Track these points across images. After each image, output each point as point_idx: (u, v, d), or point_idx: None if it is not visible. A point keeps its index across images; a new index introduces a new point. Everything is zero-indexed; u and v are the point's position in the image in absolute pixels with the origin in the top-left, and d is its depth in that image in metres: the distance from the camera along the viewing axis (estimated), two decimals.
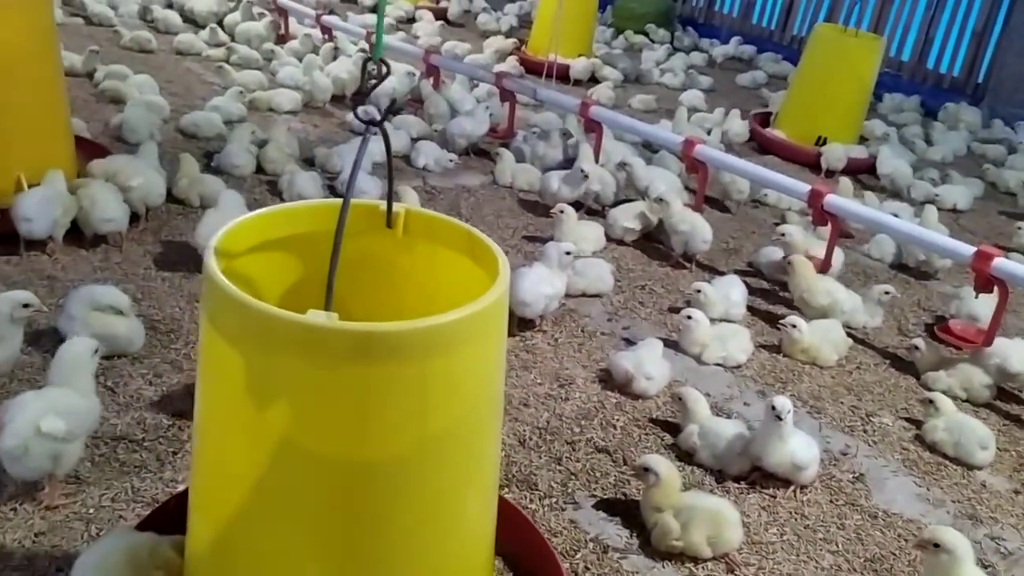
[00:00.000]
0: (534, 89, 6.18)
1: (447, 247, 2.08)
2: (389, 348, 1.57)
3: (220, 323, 1.66)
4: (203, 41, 7.85)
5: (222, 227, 1.86)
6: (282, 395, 1.63)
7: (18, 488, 2.54)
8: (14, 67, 3.83)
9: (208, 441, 1.85)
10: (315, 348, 1.55)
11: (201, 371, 1.82)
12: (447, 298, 2.04)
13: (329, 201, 2.12)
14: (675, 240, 4.76)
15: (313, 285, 2.08)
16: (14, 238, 3.80)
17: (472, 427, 1.82)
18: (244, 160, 5.10)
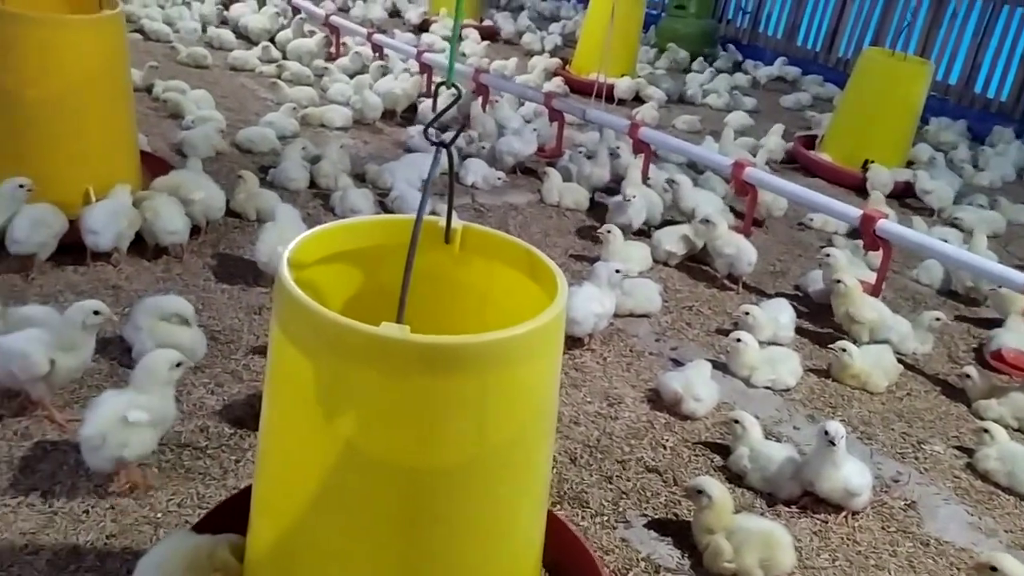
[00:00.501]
0: (583, 110, 6.25)
1: (504, 264, 2.13)
2: (459, 360, 1.63)
3: (292, 332, 1.72)
4: (256, 58, 8.02)
5: (280, 240, 1.94)
6: (351, 403, 1.69)
7: (90, 490, 2.63)
8: (88, 86, 3.97)
9: (274, 445, 1.91)
10: (388, 359, 1.60)
11: (270, 377, 1.88)
12: (501, 313, 2.10)
13: (391, 217, 2.20)
14: (720, 262, 4.79)
15: (373, 296, 2.16)
16: (82, 248, 3.93)
17: (528, 439, 1.87)
18: (299, 175, 5.22)
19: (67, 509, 2.55)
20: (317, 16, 8.77)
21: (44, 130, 3.96)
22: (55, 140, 3.99)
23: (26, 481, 2.63)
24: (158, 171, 4.60)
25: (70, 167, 4.04)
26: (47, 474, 2.68)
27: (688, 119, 8.21)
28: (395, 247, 2.11)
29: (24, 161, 3.95)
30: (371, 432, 1.70)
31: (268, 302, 3.93)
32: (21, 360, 2.77)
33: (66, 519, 2.52)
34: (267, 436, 1.93)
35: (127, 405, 2.51)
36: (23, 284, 3.73)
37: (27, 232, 3.73)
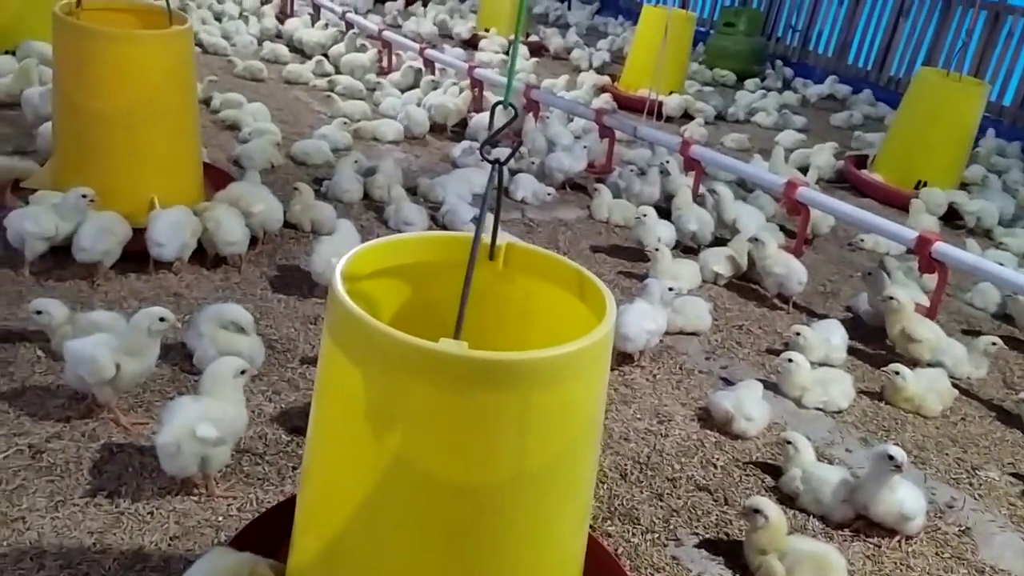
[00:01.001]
0: (634, 127, 6.27)
1: (549, 281, 2.16)
2: (515, 376, 1.65)
3: (346, 344, 1.76)
4: (310, 71, 8.17)
5: (334, 253, 1.97)
6: (404, 417, 1.71)
7: (154, 492, 2.71)
8: (156, 99, 4.09)
9: (321, 456, 1.95)
10: (446, 375, 1.63)
11: (319, 388, 1.92)
12: (544, 330, 2.13)
13: (440, 234, 2.24)
14: (769, 281, 4.77)
15: (420, 310, 2.19)
16: (145, 256, 4.03)
17: (575, 456, 1.89)
18: (353, 187, 5.31)
19: (133, 510, 2.63)
20: (370, 31, 8.90)
21: (113, 141, 4.09)
22: (123, 151, 4.11)
23: (94, 482, 2.71)
24: (218, 182, 4.71)
25: (136, 177, 4.16)
26: (113, 475, 2.76)
27: (737, 137, 8.19)
28: (442, 263, 2.16)
29: (93, 171, 4.08)
30: (422, 447, 1.72)
31: (323, 313, 3.99)
32: (89, 364, 2.86)
33: (132, 520, 2.59)
34: (314, 447, 1.97)
35: (201, 415, 2.58)
36: (89, 290, 3.85)
37: (93, 240, 3.85)
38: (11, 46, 6.23)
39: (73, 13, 4.15)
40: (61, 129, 4.26)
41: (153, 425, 2.99)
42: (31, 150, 5.01)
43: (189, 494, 2.72)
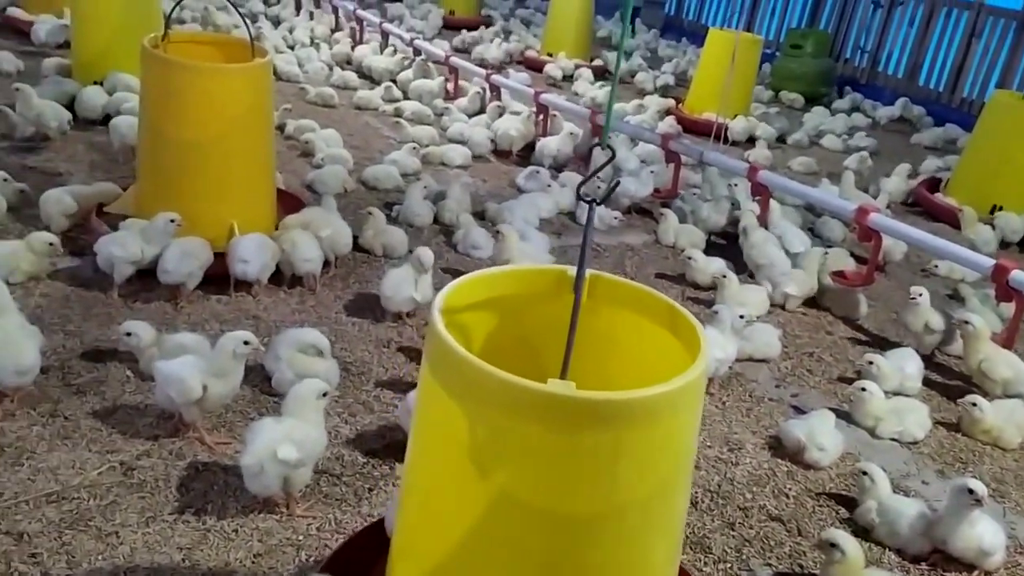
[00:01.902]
0: (701, 152, 6.27)
1: (638, 314, 2.17)
2: (623, 414, 1.68)
3: (447, 380, 1.80)
4: (379, 97, 8.35)
5: (401, 281, 1.95)
6: (508, 454, 1.75)
7: (239, 510, 2.80)
8: (237, 129, 4.24)
9: (418, 487, 1.99)
10: (555, 415, 1.67)
11: (417, 420, 1.98)
12: (632, 362, 2.15)
13: (530, 268, 2.27)
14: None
15: (509, 341, 2.22)
16: (224, 280, 4.18)
17: (673, 489, 1.91)
18: (423, 211, 5.42)
19: (218, 527, 2.72)
20: (437, 57, 9.06)
21: (196, 169, 4.25)
22: (205, 179, 4.27)
23: (182, 499, 2.82)
24: (291, 208, 4.85)
25: (217, 204, 4.31)
26: (199, 493, 2.86)
27: (804, 160, 8.12)
28: (530, 296, 2.21)
29: (175, 197, 4.24)
30: (524, 481, 1.75)
31: (396, 336, 4.08)
32: (178, 384, 2.98)
33: (218, 537, 2.69)
34: (411, 477, 2.01)
35: (283, 437, 2.67)
36: (173, 312, 3.99)
37: (177, 263, 4.00)
38: (99, 77, 6.50)
39: (160, 46, 4.34)
40: (146, 156, 4.43)
41: (236, 445, 3.09)
42: (118, 176, 5.23)
43: (271, 513, 2.81)
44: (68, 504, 2.72)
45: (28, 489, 2.76)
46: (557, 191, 6.12)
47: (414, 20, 12.52)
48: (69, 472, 2.87)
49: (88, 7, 6.58)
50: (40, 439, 3.01)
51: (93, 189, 4.71)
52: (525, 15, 14.87)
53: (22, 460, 2.89)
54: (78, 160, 5.68)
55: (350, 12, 10.83)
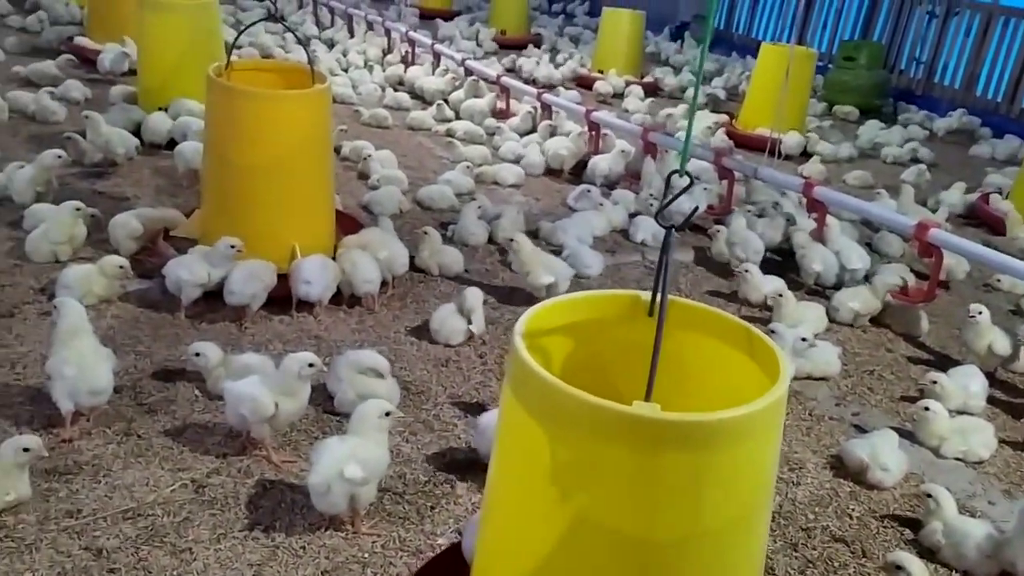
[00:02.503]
0: (754, 168, 6.24)
1: (713, 337, 2.19)
2: (709, 436, 1.69)
3: (530, 403, 1.83)
4: (432, 117, 8.46)
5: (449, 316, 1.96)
6: (591, 476, 1.77)
7: (306, 528, 2.86)
8: (298, 153, 4.35)
9: (500, 510, 2.02)
10: (640, 437, 1.69)
11: (500, 443, 2.01)
12: (707, 385, 2.16)
13: (605, 293, 2.30)
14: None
15: (583, 364, 2.26)
16: (287, 301, 4.28)
17: (755, 511, 1.92)
18: (478, 231, 5.49)
19: (287, 544, 2.79)
20: (488, 76, 9.16)
21: (258, 193, 4.36)
22: (267, 202, 4.38)
23: (251, 516, 2.89)
24: (349, 229, 4.95)
25: (279, 226, 4.42)
26: (268, 510, 2.93)
27: (860, 174, 8.03)
28: (603, 320, 2.24)
29: (239, 220, 4.36)
30: (608, 505, 1.77)
31: (454, 355, 4.14)
32: (251, 403, 3.06)
33: (287, 553, 2.75)
34: (493, 500, 2.04)
35: (348, 456, 2.73)
36: (238, 333, 4.10)
37: (242, 284, 4.11)
38: (163, 104, 6.71)
39: (223, 74, 4.48)
40: (210, 181, 4.57)
41: (301, 463, 3.17)
42: (182, 199, 5.39)
43: (337, 530, 2.87)
44: (143, 520, 2.82)
45: (106, 506, 2.86)
46: (610, 209, 6.14)
47: (465, 41, 12.67)
48: (143, 489, 2.96)
49: (152, 37, 6.80)
50: (115, 457, 3.11)
51: (159, 213, 4.86)
52: (573, 33, 14.95)
53: (99, 477, 3.00)
54: (144, 185, 5.86)
55: (402, 34, 11.00)
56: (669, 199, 2.05)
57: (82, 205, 4.57)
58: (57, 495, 2.88)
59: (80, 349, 3.22)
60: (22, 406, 3.34)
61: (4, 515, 2.74)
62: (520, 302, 4.78)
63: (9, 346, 3.73)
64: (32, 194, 5.08)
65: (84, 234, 4.60)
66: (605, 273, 5.27)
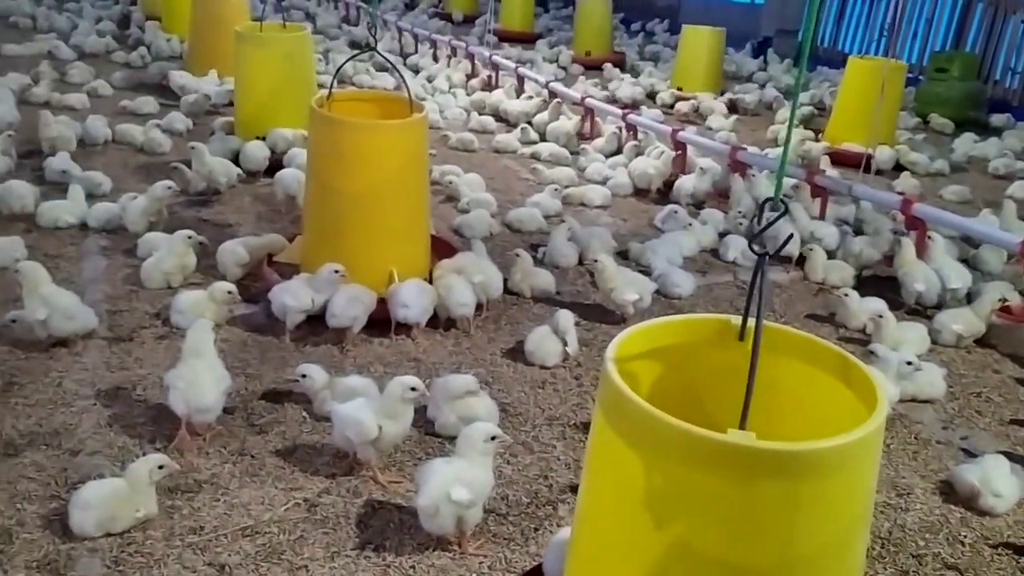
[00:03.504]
0: (849, 186, 6.14)
1: (807, 364, 2.17)
2: (804, 465, 1.70)
3: (622, 429, 1.85)
4: (517, 139, 8.56)
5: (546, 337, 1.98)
6: (684, 503, 1.78)
7: (415, 547, 2.93)
8: (396, 180, 4.48)
9: (591, 535, 2.04)
10: (735, 465, 1.70)
11: (590, 465, 2.03)
12: (800, 412, 2.15)
13: (696, 317, 2.31)
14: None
15: (673, 389, 2.26)
16: (386, 324, 4.39)
17: (851, 542, 1.90)
18: (569, 252, 5.53)
19: (398, 563, 2.86)
20: (572, 98, 9.22)
21: (358, 220, 4.50)
22: (367, 228, 4.51)
23: (362, 535, 2.98)
24: (443, 252, 5.05)
25: (377, 252, 4.55)
26: (378, 530, 3.02)
27: (957, 189, 7.80)
28: (694, 345, 2.25)
29: (339, 246, 4.50)
30: (701, 532, 1.78)
31: (550, 378, 4.18)
32: (355, 426, 3.16)
33: (397, 573, 2.83)
34: (583, 525, 2.07)
35: (454, 478, 2.79)
36: (340, 356, 4.22)
37: (344, 307, 4.24)
38: (259, 133, 6.96)
39: (325, 105, 4.64)
40: (312, 208, 4.72)
41: (407, 483, 3.25)
42: (281, 226, 5.58)
43: (444, 550, 2.93)
44: (261, 538, 2.93)
45: (225, 523, 2.99)
46: (698, 229, 6.11)
47: (548, 63, 12.78)
48: (259, 508, 3.08)
49: (249, 69, 7.06)
50: (232, 476, 3.25)
51: (262, 240, 5.05)
52: (653, 51, 14.93)
53: (218, 495, 3.13)
54: (245, 212, 6.10)
55: (486, 58, 11.17)
56: (763, 226, 2.06)
57: (193, 233, 4.78)
58: (180, 512, 3.02)
59: (195, 367, 3.41)
60: (144, 426, 3.51)
61: (133, 531, 2.89)
62: (612, 322, 4.80)
63: (129, 368, 3.93)
64: (145, 224, 5.35)
65: (194, 262, 4.80)
66: (697, 294, 5.25)
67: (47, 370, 3.86)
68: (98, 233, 5.42)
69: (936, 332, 4.76)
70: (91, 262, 5.05)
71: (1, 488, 3.07)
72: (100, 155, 7.03)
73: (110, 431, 3.46)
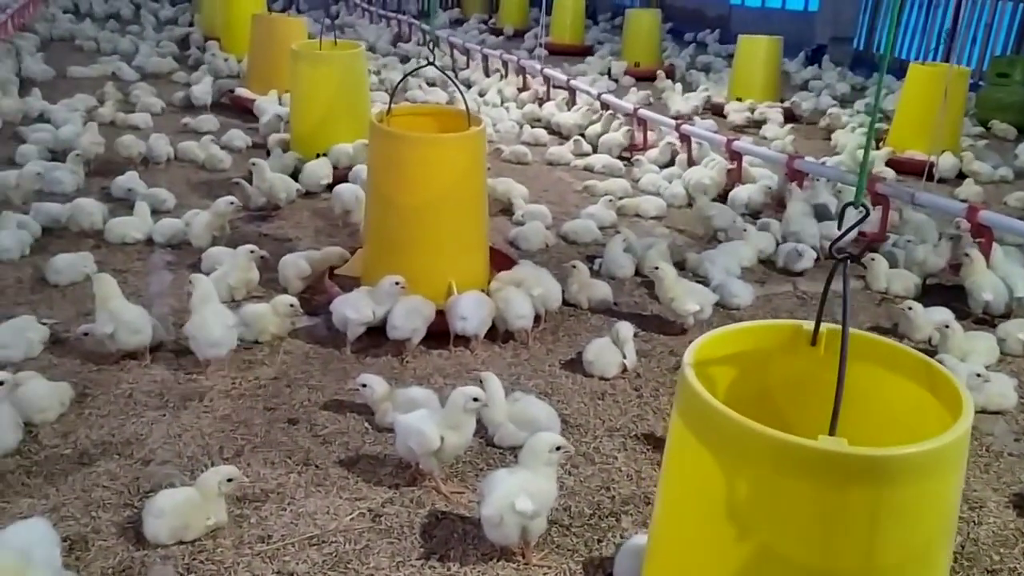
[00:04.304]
0: (912, 194, 6.02)
1: (884, 368, 2.15)
2: (892, 471, 1.68)
3: (703, 435, 1.85)
4: (569, 151, 8.56)
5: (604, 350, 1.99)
6: (769, 508, 1.78)
7: (479, 557, 2.94)
8: (455, 193, 4.52)
9: (671, 540, 2.04)
10: (826, 471, 1.69)
11: (668, 470, 2.03)
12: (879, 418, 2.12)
13: (770, 323, 2.30)
14: None
15: (746, 394, 2.24)
16: (445, 335, 4.42)
17: (935, 548, 1.87)
18: (625, 263, 5.52)
19: (462, 574, 2.87)
20: (625, 110, 9.21)
21: (417, 231, 4.54)
22: (426, 241, 4.55)
23: (427, 545, 3.00)
24: (500, 264, 5.07)
25: (437, 264, 4.58)
26: (441, 540, 3.03)
27: (1022, 196, 7.60)
28: (767, 351, 2.24)
29: (399, 258, 4.54)
30: (787, 538, 1.78)
31: (609, 388, 4.17)
32: (418, 436, 3.18)
33: None
34: (662, 529, 2.07)
35: (519, 489, 2.79)
36: (400, 367, 4.26)
37: (404, 319, 4.28)
38: (315, 149, 7.07)
39: (384, 120, 4.70)
40: (373, 221, 4.79)
41: (469, 494, 3.26)
42: (338, 239, 5.66)
43: (509, 561, 2.93)
44: (328, 547, 2.96)
45: (292, 532, 3.03)
46: (756, 239, 6.04)
47: (598, 75, 12.78)
48: (325, 517, 3.12)
49: (305, 86, 7.19)
50: (297, 486, 3.29)
51: (323, 253, 5.12)
52: (705, 61, 14.85)
53: (284, 505, 3.17)
54: (304, 226, 6.20)
55: (537, 71, 11.21)
56: (844, 231, 2.04)
57: (255, 248, 4.87)
58: (248, 521, 3.07)
59: (204, 314, 4.01)
60: (211, 436, 3.58)
61: (204, 539, 2.94)
62: (671, 333, 4.77)
63: (196, 380, 4.01)
64: (208, 238, 5.47)
65: (257, 276, 4.89)
66: (756, 304, 5.19)
67: (118, 381, 3.96)
68: (163, 248, 5.56)
69: (1001, 341, 4.63)
70: (157, 276, 5.18)
71: (76, 496, 3.15)
72: (163, 172, 7.21)
73: (179, 441, 3.53)
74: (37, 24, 14.40)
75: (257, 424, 3.69)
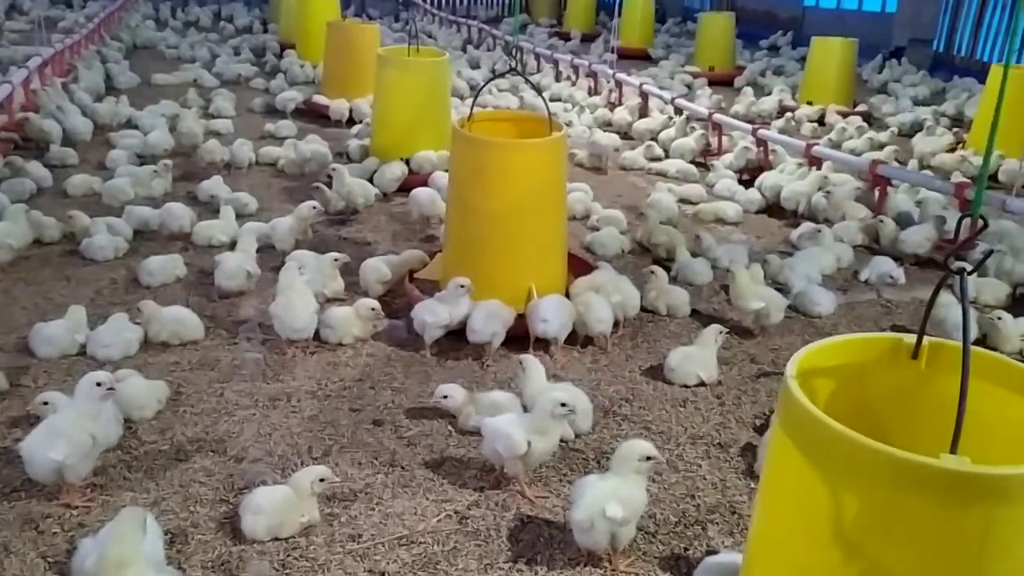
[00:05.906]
0: (1003, 200, 5.86)
1: (989, 382, 2.09)
2: (1018, 490, 1.64)
3: (811, 452, 1.81)
4: (642, 156, 8.53)
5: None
6: (883, 526, 1.73)
7: (565, 563, 2.95)
8: (535, 198, 4.54)
9: (772, 556, 2.02)
10: (947, 490, 1.65)
11: (769, 484, 2.00)
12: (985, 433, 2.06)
13: (873, 336, 2.26)
14: None
15: (845, 407, 2.20)
16: (524, 339, 4.44)
17: None
18: (703, 270, 5.48)
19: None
20: (699, 114, 9.13)
21: (498, 237, 4.58)
22: (507, 245, 4.59)
23: (513, 549, 3.02)
24: (578, 270, 5.07)
25: (517, 268, 4.61)
26: (528, 544, 3.05)
27: None
28: (866, 364, 2.20)
29: (480, 263, 4.58)
30: (897, 555, 1.74)
31: (691, 396, 4.14)
32: (505, 440, 3.21)
33: None
34: (760, 541, 2.04)
35: (610, 495, 2.80)
36: (480, 371, 4.30)
37: (483, 323, 4.31)
38: (394, 155, 7.17)
39: (466, 126, 4.75)
40: (453, 226, 4.84)
41: (553, 499, 3.28)
42: (415, 243, 5.73)
43: (595, 566, 2.94)
44: (417, 548, 3.01)
45: (382, 532, 3.08)
46: (837, 247, 5.94)
47: (670, 79, 12.70)
48: (413, 518, 3.17)
49: (389, 93, 7.31)
50: (384, 487, 3.35)
51: (403, 257, 5.19)
52: (777, 64, 14.65)
53: (373, 505, 3.23)
54: (382, 230, 6.29)
55: (609, 75, 11.19)
56: (960, 242, 2.00)
57: (338, 256, 4.97)
58: (339, 520, 3.13)
59: (290, 296, 4.29)
60: (300, 435, 3.66)
61: (297, 536, 3.01)
62: (751, 341, 4.72)
63: (283, 381, 4.11)
64: (292, 242, 5.59)
65: (342, 284, 4.98)
66: (839, 312, 5.10)
67: (210, 381, 4.07)
68: None
69: None
70: None
71: (175, 491, 3.26)
72: (246, 177, 7.39)
73: (269, 440, 3.62)
74: (122, 32, 14.91)
75: (343, 425, 3.76)
